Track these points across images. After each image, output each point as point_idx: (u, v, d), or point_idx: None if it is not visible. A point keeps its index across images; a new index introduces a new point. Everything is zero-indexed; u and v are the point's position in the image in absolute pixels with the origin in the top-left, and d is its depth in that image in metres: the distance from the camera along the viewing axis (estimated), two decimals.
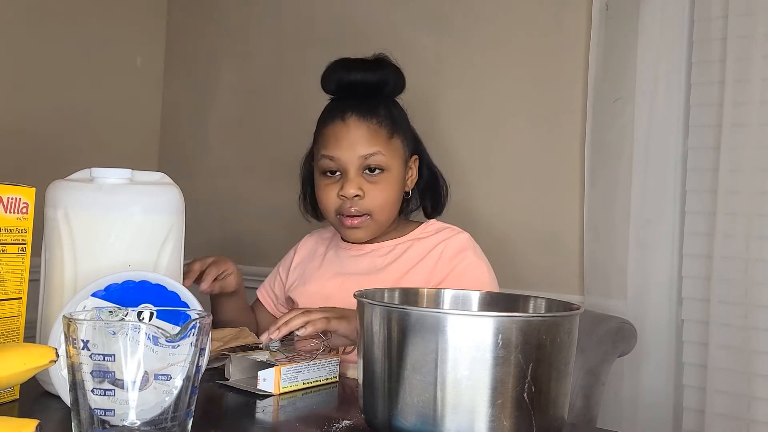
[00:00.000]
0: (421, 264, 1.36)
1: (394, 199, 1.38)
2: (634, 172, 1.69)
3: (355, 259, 1.41)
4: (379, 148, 1.34)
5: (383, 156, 1.35)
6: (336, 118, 1.37)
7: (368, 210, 1.35)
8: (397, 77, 1.42)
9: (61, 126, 2.36)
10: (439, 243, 1.38)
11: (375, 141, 1.35)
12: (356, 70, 1.39)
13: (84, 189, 0.98)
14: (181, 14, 2.66)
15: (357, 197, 1.34)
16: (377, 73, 1.40)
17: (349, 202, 1.34)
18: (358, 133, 1.35)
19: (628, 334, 1.52)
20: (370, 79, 1.39)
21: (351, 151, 1.34)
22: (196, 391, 0.70)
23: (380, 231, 1.40)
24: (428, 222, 1.45)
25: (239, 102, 2.46)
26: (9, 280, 0.88)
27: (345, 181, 1.34)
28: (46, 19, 2.33)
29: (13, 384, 0.75)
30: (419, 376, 0.72)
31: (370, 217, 1.36)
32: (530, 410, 0.72)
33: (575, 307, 0.81)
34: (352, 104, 1.37)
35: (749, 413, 1.54)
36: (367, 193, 1.34)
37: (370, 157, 1.34)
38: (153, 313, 0.76)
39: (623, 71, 1.72)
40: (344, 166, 1.35)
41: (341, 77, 1.39)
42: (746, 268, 1.56)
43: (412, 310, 0.75)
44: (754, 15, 1.56)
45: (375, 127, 1.35)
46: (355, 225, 1.36)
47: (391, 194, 1.37)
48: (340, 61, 1.41)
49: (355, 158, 1.34)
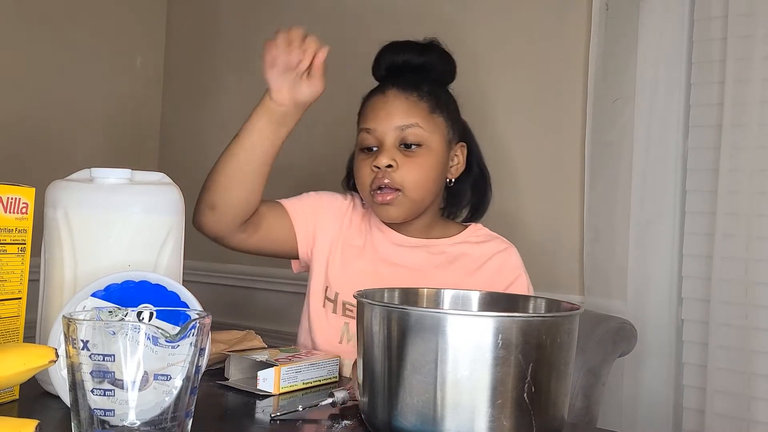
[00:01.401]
0: (480, 273, 1.31)
1: (432, 179, 1.30)
2: (634, 172, 1.69)
3: (405, 250, 1.34)
4: (417, 120, 1.28)
5: (421, 129, 1.28)
6: (377, 92, 1.33)
7: (400, 184, 1.27)
8: (444, 63, 1.37)
9: (61, 126, 2.36)
10: (495, 254, 1.33)
11: (413, 113, 1.29)
12: (403, 52, 1.35)
13: (84, 189, 0.97)
14: (181, 14, 2.66)
15: (389, 168, 1.26)
16: (423, 55, 1.35)
17: (381, 172, 1.27)
18: (396, 103, 1.29)
19: (628, 334, 1.52)
20: (416, 61, 1.34)
21: (388, 122, 1.28)
22: (196, 391, 0.69)
23: (415, 212, 1.31)
24: (475, 225, 1.39)
25: (239, 102, 2.46)
26: (9, 280, 0.88)
27: (379, 152, 1.28)
28: (46, 19, 2.33)
29: (12, 384, 0.75)
30: (419, 376, 0.72)
31: (401, 193, 1.28)
32: (530, 410, 0.72)
33: (575, 307, 0.81)
34: (399, 80, 1.32)
35: (749, 413, 1.54)
36: (401, 166, 1.26)
37: (406, 128, 1.28)
38: (153, 313, 0.76)
39: (623, 71, 1.72)
40: (381, 138, 1.29)
41: (389, 59, 1.35)
42: (746, 268, 1.56)
43: (412, 310, 0.75)
44: (754, 15, 1.56)
45: (414, 99, 1.30)
46: (386, 201, 1.27)
47: (429, 172, 1.29)
48: (390, 44, 1.37)
49: (391, 129, 1.28)
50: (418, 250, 1.34)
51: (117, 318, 0.73)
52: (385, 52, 1.37)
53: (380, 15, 2.16)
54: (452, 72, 1.39)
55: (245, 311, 2.36)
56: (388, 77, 1.35)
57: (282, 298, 2.28)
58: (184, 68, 2.63)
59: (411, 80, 1.32)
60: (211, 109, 2.52)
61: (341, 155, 1.46)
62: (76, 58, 2.40)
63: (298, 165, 2.27)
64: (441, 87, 1.37)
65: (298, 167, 2.28)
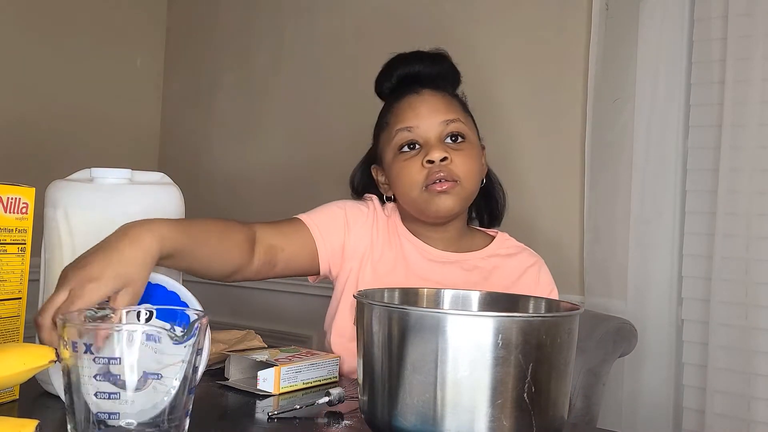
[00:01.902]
0: (515, 288, 1.28)
1: (479, 172, 1.30)
2: (634, 172, 1.69)
3: (438, 266, 1.30)
4: (458, 115, 1.28)
5: (463, 124, 1.28)
6: (408, 93, 1.31)
7: (457, 176, 1.24)
8: (455, 73, 1.37)
9: (61, 126, 2.36)
10: (527, 268, 1.33)
11: (453, 109, 1.29)
12: (417, 62, 1.34)
13: (84, 189, 0.97)
14: (181, 14, 2.66)
15: (444, 161, 1.23)
16: (437, 65, 1.35)
17: (437, 167, 1.23)
18: (434, 100, 1.29)
19: (628, 334, 1.52)
20: (431, 72, 1.34)
21: (431, 119, 1.27)
22: (194, 391, 0.69)
23: (466, 204, 1.29)
24: (502, 235, 1.37)
25: (239, 102, 2.46)
26: (9, 280, 0.88)
27: (429, 148, 1.24)
28: (46, 19, 2.33)
29: (12, 384, 0.75)
30: (419, 376, 0.72)
31: (459, 183, 1.24)
32: (530, 410, 0.72)
33: (575, 307, 0.81)
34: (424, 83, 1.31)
35: (749, 413, 1.54)
36: (454, 159, 1.24)
37: (451, 123, 1.26)
38: (152, 312, 0.76)
39: (623, 71, 1.72)
40: (424, 134, 1.27)
41: (403, 71, 1.34)
42: (746, 268, 1.56)
43: (412, 310, 0.75)
44: (754, 15, 1.56)
45: (449, 98, 1.30)
46: (445, 189, 1.23)
47: (477, 165, 1.28)
48: (397, 57, 1.36)
49: (436, 124, 1.26)
50: (451, 266, 1.30)
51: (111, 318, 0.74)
52: (394, 63, 1.36)
53: (380, 15, 2.16)
54: (459, 81, 1.39)
55: (245, 311, 2.36)
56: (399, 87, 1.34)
57: (282, 298, 2.28)
58: (184, 68, 2.63)
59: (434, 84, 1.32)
60: (211, 109, 2.52)
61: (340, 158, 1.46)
62: (76, 58, 2.41)
63: (299, 165, 2.28)
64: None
65: (298, 168, 2.28)
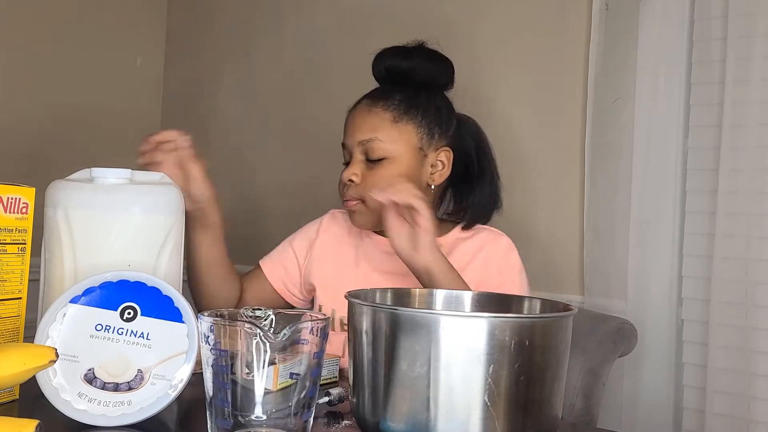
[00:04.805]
0: (473, 266, 1.31)
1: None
2: (634, 172, 1.69)
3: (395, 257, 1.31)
4: (376, 134, 1.31)
5: (381, 142, 1.31)
6: (353, 106, 1.37)
7: (360, 196, 1.32)
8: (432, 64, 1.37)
9: (61, 126, 2.36)
10: (485, 244, 1.34)
11: (375, 125, 1.32)
12: (388, 58, 1.37)
13: (84, 189, 0.98)
14: (181, 14, 2.66)
15: (351, 181, 1.32)
16: (407, 59, 1.36)
17: (346, 185, 1.34)
18: (359, 118, 1.34)
19: (628, 334, 1.52)
20: (401, 66, 1.36)
21: (352, 137, 1.34)
22: (317, 390, 0.75)
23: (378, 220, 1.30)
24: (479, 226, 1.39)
25: (239, 102, 2.46)
26: (9, 280, 0.88)
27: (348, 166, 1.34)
28: (46, 19, 2.34)
29: (13, 384, 0.75)
30: (411, 378, 0.72)
31: (362, 203, 1.32)
32: (523, 411, 0.72)
33: (569, 307, 0.80)
34: (373, 91, 1.36)
35: (749, 413, 1.54)
36: (363, 179, 1.31)
37: (367, 143, 1.31)
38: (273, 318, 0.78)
39: (623, 71, 1.72)
40: (350, 150, 1.34)
41: (380, 65, 1.37)
42: (746, 268, 1.56)
43: (403, 311, 0.74)
44: (754, 15, 1.56)
45: (378, 111, 1.32)
46: (350, 207, 1.34)
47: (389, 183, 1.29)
48: (381, 51, 1.39)
49: (355, 144, 1.33)
50: None
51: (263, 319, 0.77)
52: (380, 56, 1.38)
53: (380, 15, 2.16)
54: (444, 73, 1.39)
55: None
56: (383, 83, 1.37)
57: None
58: (184, 68, 2.63)
59: (386, 90, 1.34)
60: (211, 109, 2.52)
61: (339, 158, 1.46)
62: (76, 58, 2.40)
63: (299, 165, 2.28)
64: (426, 91, 1.36)
65: (298, 167, 2.28)
